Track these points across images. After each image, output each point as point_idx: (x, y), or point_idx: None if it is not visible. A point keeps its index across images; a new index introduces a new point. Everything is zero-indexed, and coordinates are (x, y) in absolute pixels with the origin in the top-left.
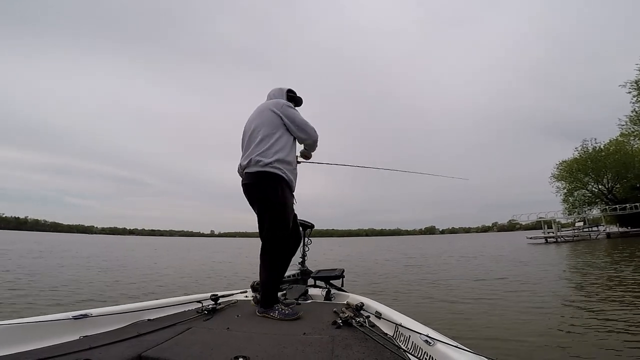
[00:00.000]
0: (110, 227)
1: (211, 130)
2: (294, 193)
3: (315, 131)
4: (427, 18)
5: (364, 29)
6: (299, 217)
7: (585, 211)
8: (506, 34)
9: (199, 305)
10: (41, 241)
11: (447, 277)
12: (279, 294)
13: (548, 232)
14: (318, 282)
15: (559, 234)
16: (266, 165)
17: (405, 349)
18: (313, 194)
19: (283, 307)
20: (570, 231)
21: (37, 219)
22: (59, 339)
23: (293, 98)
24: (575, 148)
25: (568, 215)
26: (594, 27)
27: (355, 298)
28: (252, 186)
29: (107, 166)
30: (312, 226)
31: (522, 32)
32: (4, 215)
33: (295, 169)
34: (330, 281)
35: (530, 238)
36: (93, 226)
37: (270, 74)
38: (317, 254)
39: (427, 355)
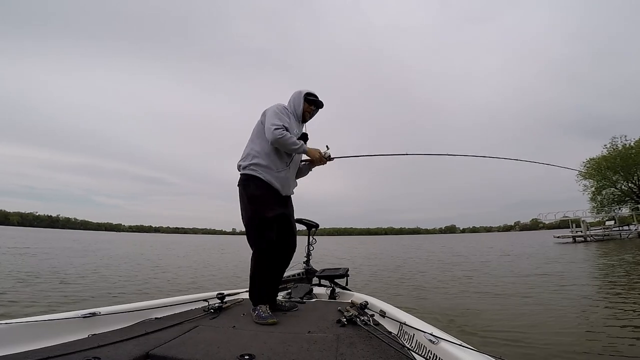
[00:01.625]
0: (137, 225)
1: (235, 131)
2: (287, 196)
3: (270, 131)
4: (445, 15)
5: (381, 28)
6: (306, 217)
7: (614, 210)
8: (525, 32)
9: (206, 303)
10: (78, 239)
11: (485, 276)
12: (284, 292)
13: (576, 231)
14: (322, 281)
15: (588, 232)
16: (245, 168)
17: (410, 348)
18: (331, 193)
19: (264, 309)
20: (600, 230)
21: (68, 218)
22: (68, 337)
23: (314, 102)
24: (604, 145)
25: (596, 214)
26: (615, 23)
27: (359, 297)
28: (238, 186)
29: (133, 166)
30: (316, 226)
31: (541, 29)
32: (37, 214)
33: (281, 172)
34: (335, 280)
35: (558, 237)
36: (121, 224)
37: (291, 74)
38: (342, 252)
39: (431, 354)
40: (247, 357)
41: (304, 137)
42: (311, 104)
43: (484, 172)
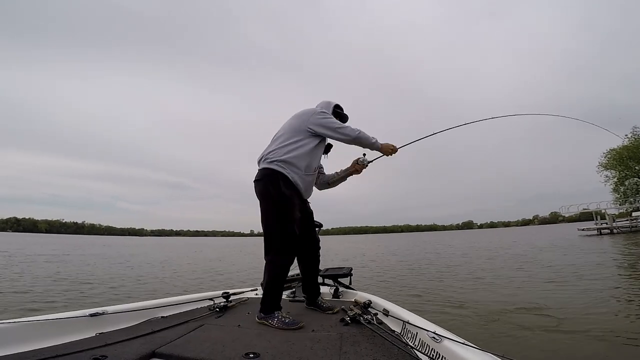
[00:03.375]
0: (159, 230)
1: (248, 134)
2: (307, 199)
3: (349, 129)
4: (457, 11)
5: (391, 26)
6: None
7: (638, 200)
8: (539, 25)
9: (211, 302)
10: (110, 244)
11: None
12: (288, 292)
13: (601, 223)
14: (326, 280)
15: (614, 224)
16: (272, 162)
17: (413, 346)
18: (346, 193)
19: (284, 315)
20: (627, 222)
21: (93, 224)
22: (76, 335)
23: (339, 114)
24: (625, 135)
25: (620, 205)
26: (616, 17)
27: (362, 296)
28: (257, 182)
29: (154, 173)
30: (320, 225)
31: (555, 23)
32: (64, 221)
33: (309, 176)
34: (339, 279)
35: (583, 230)
36: (143, 229)
37: (300, 75)
38: (362, 250)
39: (434, 352)
40: (252, 355)
41: (329, 147)
42: (337, 116)
43: (500, 166)
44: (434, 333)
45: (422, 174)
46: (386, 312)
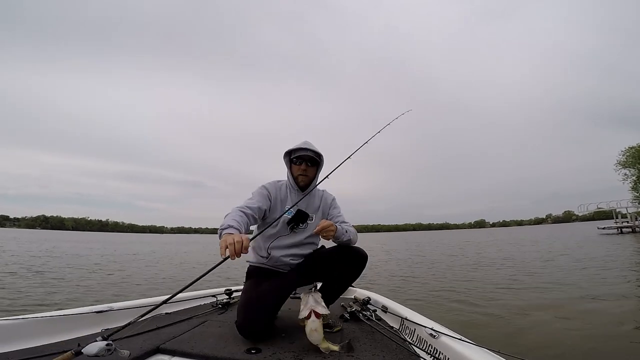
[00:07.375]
0: (178, 227)
1: (264, 135)
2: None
3: None
4: (471, 11)
5: (406, 28)
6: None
7: None
8: (556, 24)
9: (214, 299)
10: (148, 242)
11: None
12: None
13: (622, 222)
14: None
15: (636, 222)
16: None
17: (411, 342)
18: (358, 191)
19: None
20: None
21: (116, 222)
22: (82, 331)
23: (298, 158)
24: None
25: (638, 203)
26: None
27: (362, 293)
28: None
29: (173, 172)
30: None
31: (573, 20)
32: (89, 219)
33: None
34: None
35: (603, 228)
36: (164, 226)
37: (319, 78)
38: (370, 248)
39: (432, 348)
40: (254, 351)
41: (298, 216)
42: (297, 162)
43: (512, 165)
44: (432, 329)
45: (435, 173)
46: (385, 309)
